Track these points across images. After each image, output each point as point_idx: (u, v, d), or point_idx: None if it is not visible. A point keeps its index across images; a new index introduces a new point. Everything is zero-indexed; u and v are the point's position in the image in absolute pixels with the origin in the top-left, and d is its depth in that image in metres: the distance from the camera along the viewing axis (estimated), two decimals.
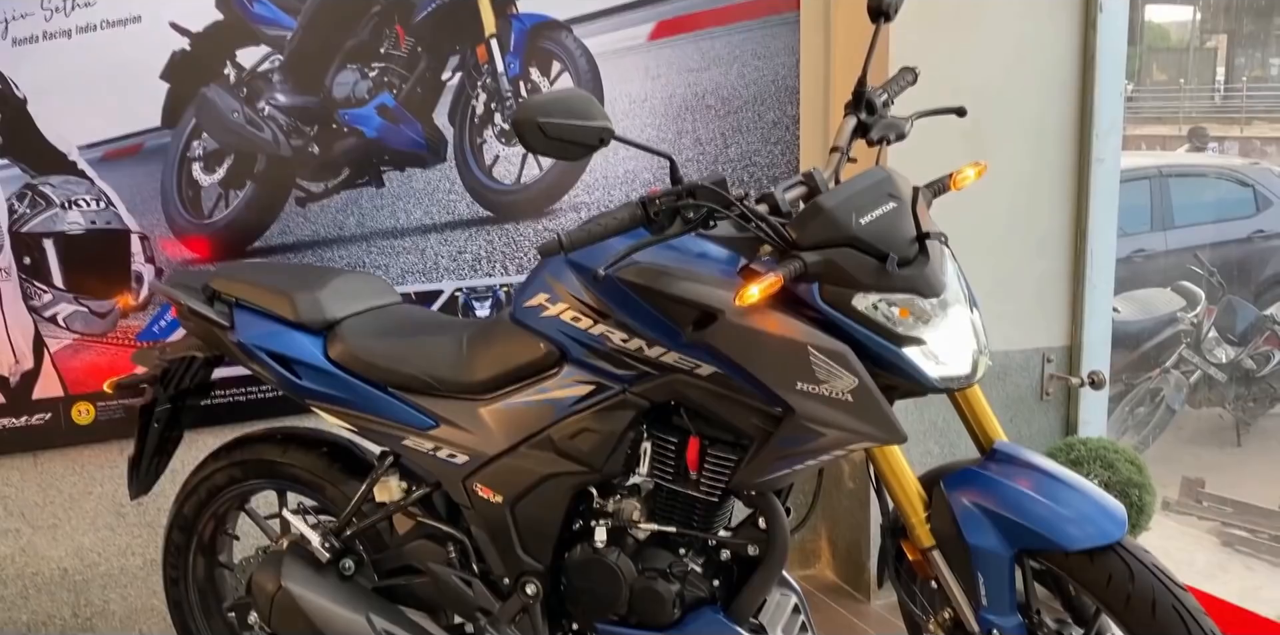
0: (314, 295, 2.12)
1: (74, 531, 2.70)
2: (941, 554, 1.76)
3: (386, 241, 2.84)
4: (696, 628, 1.87)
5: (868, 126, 1.93)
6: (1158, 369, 5.78)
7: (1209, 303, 6.01)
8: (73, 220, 2.56)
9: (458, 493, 2.03)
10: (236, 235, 2.71)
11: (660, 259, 1.76)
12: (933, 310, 1.68)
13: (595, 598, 1.94)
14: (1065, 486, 1.72)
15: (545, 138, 1.57)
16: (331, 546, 2.12)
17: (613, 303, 1.81)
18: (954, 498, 1.74)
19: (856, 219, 1.65)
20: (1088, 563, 1.65)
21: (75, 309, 2.60)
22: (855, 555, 3.33)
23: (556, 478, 1.94)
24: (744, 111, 3.13)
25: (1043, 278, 3.34)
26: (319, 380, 2.08)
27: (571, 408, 1.90)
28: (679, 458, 1.88)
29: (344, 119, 2.76)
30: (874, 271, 1.64)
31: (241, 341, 2.12)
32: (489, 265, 2.94)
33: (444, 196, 2.87)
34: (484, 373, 1.97)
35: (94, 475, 2.70)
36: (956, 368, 1.71)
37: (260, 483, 2.27)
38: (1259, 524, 4.33)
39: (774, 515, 1.86)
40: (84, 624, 2.74)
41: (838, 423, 1.68)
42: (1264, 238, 6.98)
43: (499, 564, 2.02)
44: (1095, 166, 3.27)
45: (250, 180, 2.70)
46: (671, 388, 1.82)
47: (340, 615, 2.04)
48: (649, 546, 1.94)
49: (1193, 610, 1.61)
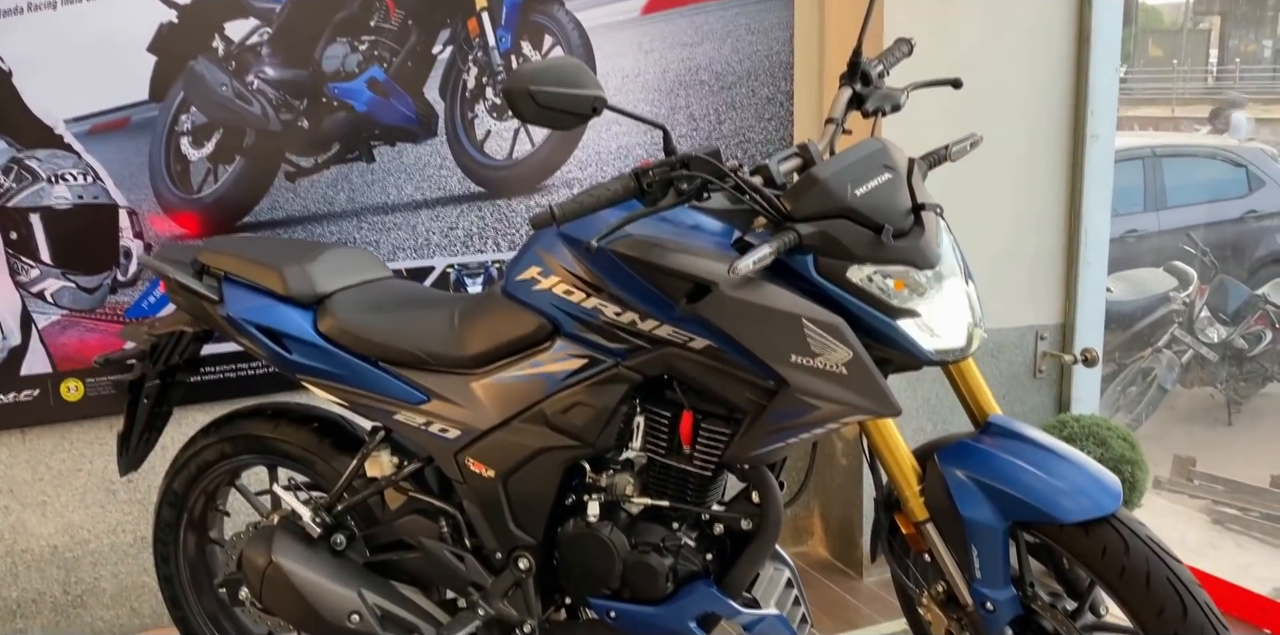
0: (303, 269, 2.10)
1: (64, 508, 2.69)
2: (935, 527, 1.76)
3: (377, 217, 2.82)
4: (689, 601, 1.87)
5: (863, 98, 1.92)
6: (1150, 348, 5.79)
7: (1201, 282, 6.02)
8: (59, 195, 2.54)
9: (450, 467, 2.02)
10: (226, 210, 2.69)
11: (653, 231, 1.74)
12: (928, 282, 1.67)
13: (588, 572, 1.93)
14: (1060, 459, 1.71)
15: (537, 106, 1.55)
16: (323, 521, 2.11)
17: (605, 276, 1.80)
18: (948, 471, 1.73)
19: (851, 190, 1.64)
20: (1082, 535, 1.65)
21: (63, 285, 2.58)
22: (848, 532, 3.33)
23: (549, 452, 1.93)
24: (738, 87, 3.11)
25: (1036, 255, 3.33)
26: (309, 354, 2.07)
27: (564, 382, 1.88)
28: (672, 432, 1.87)
29: (334, 93, 2.73)
30: (869, 243, 1.63)
31: (230, 315, 2.10)
32: (481, 241, 2.92)
33: (435, 172, 2.85)
34: (476, 347, 1.96)
35: (83, 452, 2.68)
36: (951, 340, 1.70)
37: (251, 458, 2.26)
38: (1250, 502, 4.34)
39: (767, 489, 1.85)
40: (74, 601, 2.73)
41: (832, 395, 1.67)
42: (1256, 218, 6.98)
43: (491, 539, 2.01)
44: (1090, 143, 3.26)
45: (239, 155, 2.68)
46: (665, 361, 1.81)
47: (331, 590, 2.04)
48: (642, 521, 1.93)
49: (1187, 582, 1.61)
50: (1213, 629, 1.60)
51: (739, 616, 1.86)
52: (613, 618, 1.92)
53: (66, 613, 2.73)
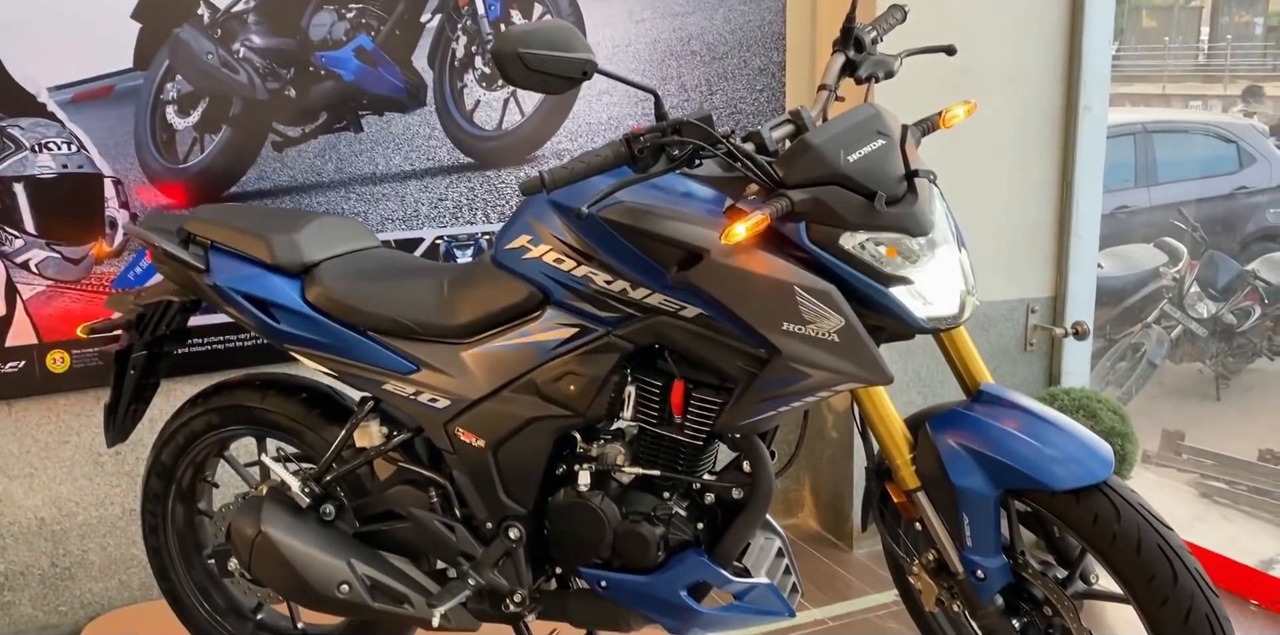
0: (291, 238, 2.08)
1: (51, 481, 2.67)
2: (926, 495, 1.76)
3: (365, 188, 2.79)
4: (680, 570, 1.86)
5: (856, 64, 1.90)
6: (1139, 324, 5.80)
7: (1191, 258, 6.02)
8: (43, 164, 2.51)
9: (439, 437, 2.00)
10: (212, 180, 2.66)
11: (645, 198, 1.73)
12: (920, 250, 1.66)
13: (579, 541, 1.92)
14: (1051, 427, 1.71)
15: (526, 69, 1.53)
16: (311, 492, 2.10)
17: (596, 243, 1.78)
18: (940, 439, 1.72)
19: (844, 156, 1.62)
20: (1074, 502, 1.65)
21: (48, 255, 2.55)
22: (838, 504, 3.33)
23: (540, 422, 1.92)
24: (729, 57, 3.09)
25: (1028, 228, 3.32)
26: (297, 324, 2.05)
27: (554, 351, 1.87)
28: (663, 401, 1.86)
29: (321, 62, 2.70)
30: (861, 210, 1.62)
31: (217, 284, 2.08)
32: (470, 213, 2.90)
33: (424, 142, 2.82)
34: (465, 316, 1.95)
35: (70, 424, 2.66)
36: (944, 308, 1.69)
37: (239, 429, 2.25)
38: (1237, 476, 4.36)
39: (758, 458, 1.84)
40: (63, 573, 2.72)
41: (823, 363, 1.66)
42: (1247, 194, 6.98)
43: (481, 509, 2.00)
44: (1083, 114, 3.24)
45: (226, 124, 2.65)
46: (656, 330, 1.80)
47: (321, 560, 2.03)
48: (633, 490, 1.92)
49: (1178, 549, 1.61)
50: (1203, 595, 1.60)
51: (730, 585, 1.86)
52: (603, 587, 1.92)
53: (55, 585, 2.72)
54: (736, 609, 1.88)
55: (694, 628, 1.92)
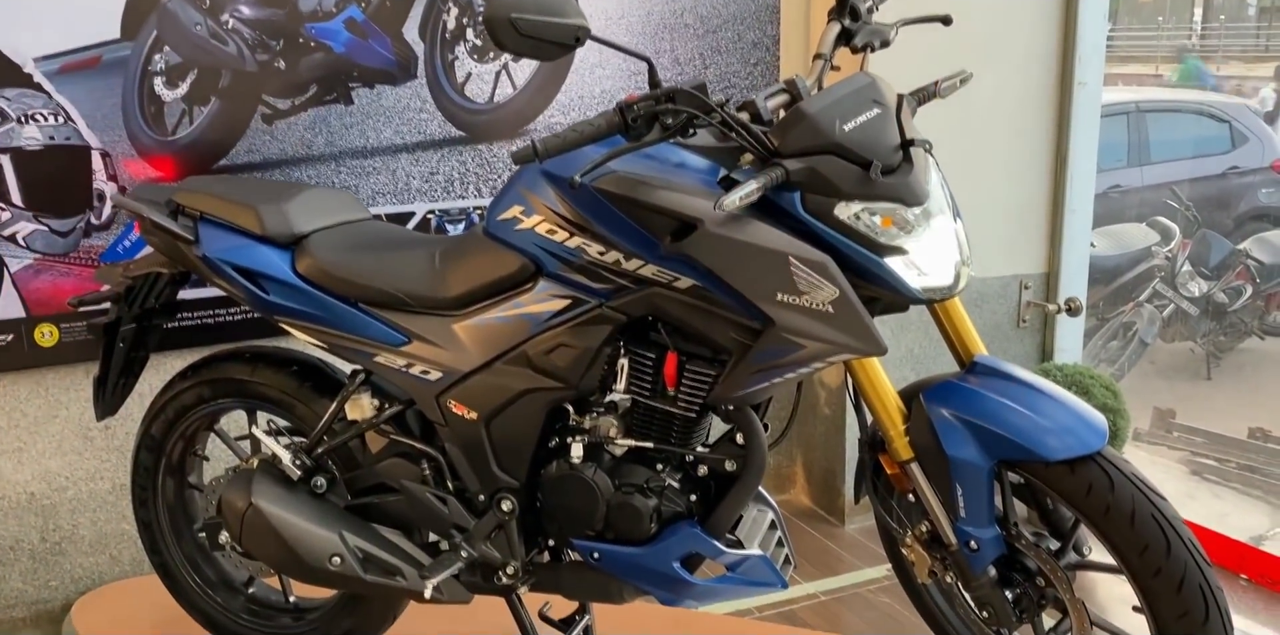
0: (281, 208, 2.06)
1: (40, 455, 2.66)
2: (920, 466, 1.76)
3: (356, 161, 2.77)
4: (673, 542, 1.86)
5: (851, 33, 1.88)
6: (1131, 303, 5.80)
7: (1184, 237, 6.02)
8: (30, 136, 2.48)
9: (431, 410, 1.99)
10: (201, 153, 2.64)
11: (638, 168, 1.71)
12: (916, 220, 1.65)
13: (571, 513, 1.92)
14: (1046, 397, 1.70)
15: (518, 35, 1.51)
16: (303, 464, 2.09)
17: (589, 214, 1.77)
18: (933, 410, 1.72)
19: (840, 125, 1.61)
20: (1067, 473, 1.65)
21: (35, 228, 2.53)
22: (830, 480, 3.33)
23: (532, 394, 1.91)
24: (723, 31, 3.06)
25: (1022, 203, 3.32)
26: (287, 295, 2.04)
27: (547, 323, 1.86)
28: (656, 373, 1.85)
29: (311, 33, 2.67)
30: (857, 179, 1.61)
31: (206, 255, 2.06)
32: (462, 187, 2.88)
33: (415, 115, 2.80)
34: (457, 288, 1.93)
35: (59, 398, 2.65)
36: (939, 278, 1.68)
37: (229, 402, 2.23)
38: (1228, 453, 4.37)
39: (752, 430, 1.83)
40: (53, 548, 2.71)
41: (818, 334, 1.65)
42: (1239, 174, 6.97)
43: (474, 481, 1.99)
44: (1077, 90, 3.23)
45: (215, 96, 2.62)
46: (649, 302, 1.78)
47: (312, 532, 2.02)
48: (626, 462, 1.91)
49: (1172, 519, 1.61)
50: (1196, 565, 1.60)
51: (723, 556, 1.85)
52: (596, 559, 1.92)
53: (45, 560, 2.71)
54: (729, 580, 1.88)
55: (687, 599, 1.92)
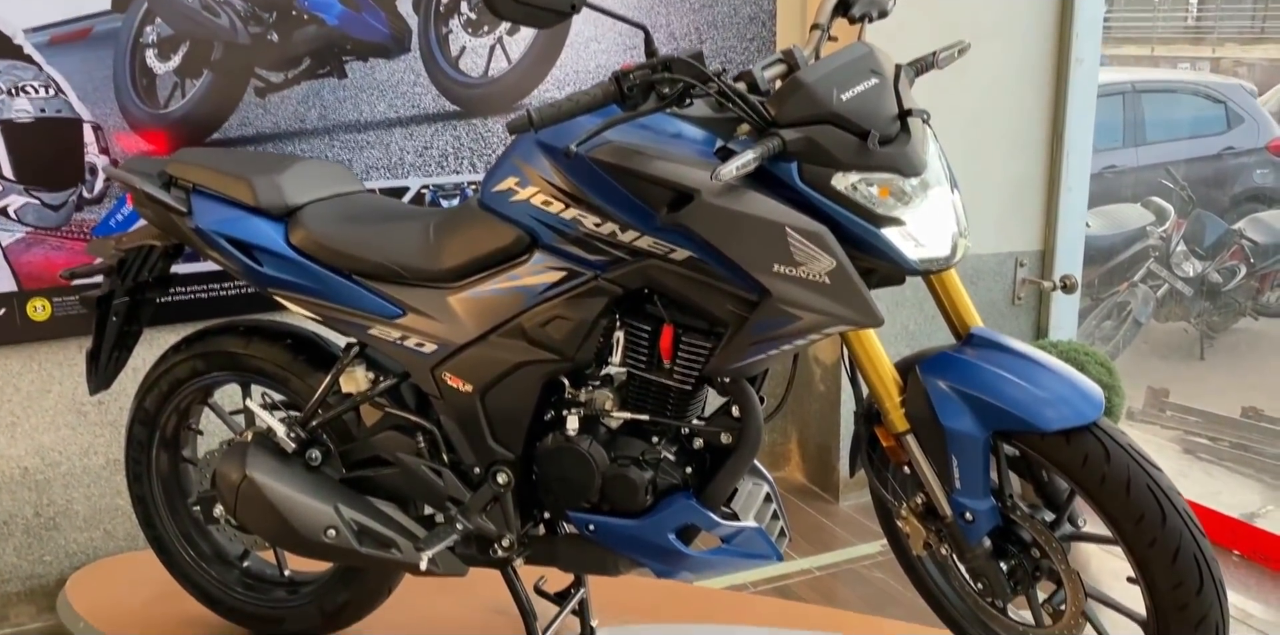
0: (274, 180, 2.05)
1: (33, 430, 2.65)
2: (915, 438, 1.75)
3: (350, 135, 2.75)
4: (669, 514, 1.86)
5: (849, 3, 1.87)
6: (1126, 283, 5.80)
7: (1179, 217, 6.02)
8: (20, 108, 2.46)
9: (426, 383, 1.99)
10: (194, 126, 2.62)
11: (634, 138, 1.70)
12: (913, 190, 1.64)
13: (567, 486, 1.91)
14: (1042, 368, 1.70)
15: (513, 1, 1.50)
16: (297, 437, 2.08)
17: (585, 184, 1.76)
18: (929, 381, 1.72)
19: (837, 95, 1.60)
20: (1063, 443, 1.65)
21: (26, 201, 2.51)
22: (824, 457, 3.34)
23: (528, 366, 1.90)
24: (719, 5, 3.04)
25: (1018, 181, 3.31)
26: (280, 267, 2.02)
27: (542, 295, 1.85)
28: (652, 346, 1.84)
29: (304, 5, 2.65)
30: (854, 149, 1.60)
31: (200, 227, 2.05)
32: (456, 162, 2.87)
33: (409, 89, 2.78)
34: (452, 260, 1.92)
35: (52, 373, 2.63)
36: (936, 249, 1.67)
37: (223, 375, 2.22)
38: (1221, 432, 4.39)
39: (748, 403, 1.83)
40: (47, 523, 2.71)
41: (814, 305, 1.64)
42: (1234, 154, 6.97)
43: (469, 454, 1.99)
44: (1074, 67, 3.22)
45: (207, 69, 2.60)
46: (645, 274, 1.78)
47: (307, 505, 2.02)
48: (622, 435, 1.91)
49: (1167, 489, 1.61)
50: (1191, 535, 1.60)
51: (718, 528, 1.85)
52: (592, 531, 1.91)
53: (39, 535, 2.71)
54: (724, 552, 1.88)
55: (682, 571, 1.92)
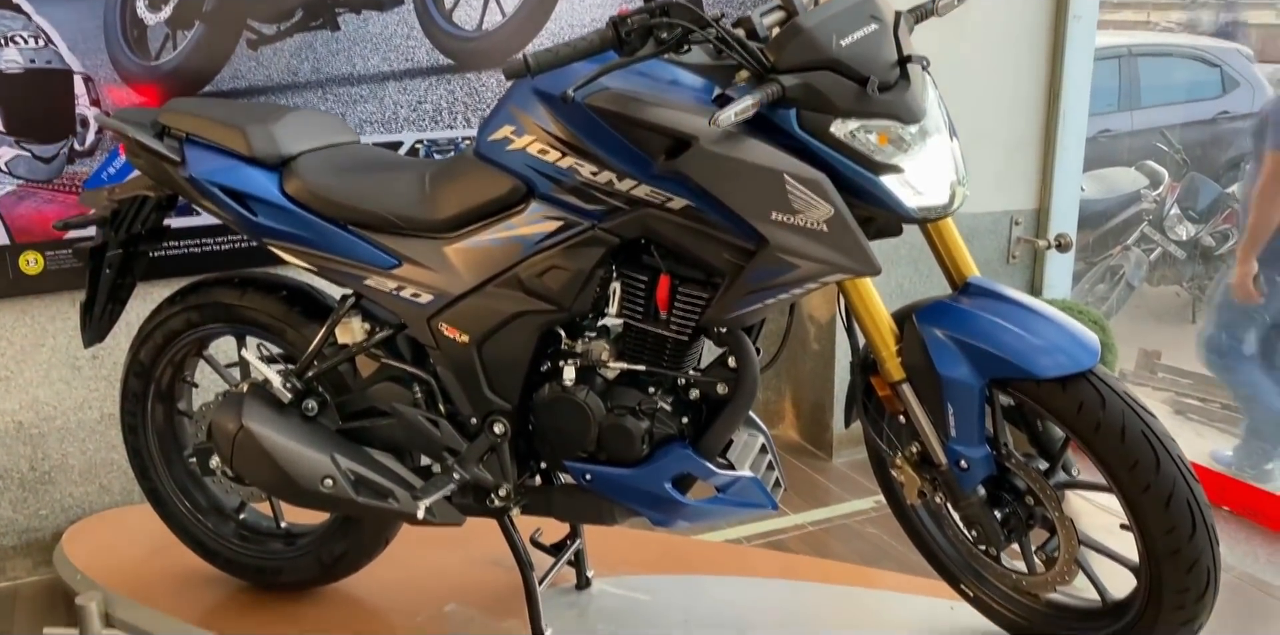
0: (268, 129, 2.03)
1: (27, 384, 2.65)
2: (911, 387, 1.76)
3: (343, 89, 2.73)
4: (665, 463, 1.86)
5: None
6: (1119, 246, 5.81)
7: (1173, 180, 6.01)
8: (10, 58, 2.43)
9: (423, 333, 1.99)
10: (186, 79, 2.59)
11: (632, 85, 1.69)
12: (912, 138, 1.63)
13: (564, 436, 1.92)
14: (1038, 316, 1.71)
15: None
16: (293, 387, 2.08)
17: (581, 132, 1.74)
18: (926, 330, 1.72)
19: (836, 40, 1.59)
20: (1059, 390, 1.65)
21: (17, 153, 2.49)
22: (818, 415, 3.35)
23: (524, 316, 1.90)
24: None
25: (1014, 139, 3.30)
26: (275, 217, 2.01)
27: (539, 245, 1.85)
28: (649, 296, 1.84)
29: None
30: (853, 96, 1.59)
31: (193, 176, 2.04)
32: (450, 116, 2.85)
33: (402, 42, 2.76)
34: (448, 210, 1.91)
35: (46, 327, 2.63)
36: (934, 197, 1.67)
37: (218, 327, 2.22)
38: (1211, 393, 4.41)
39: (744, 353, 1.83)
40: (42, 477, 2.71)
41: (812, 254, 1.64)
42: (1229, 119, 6.95)
43: (466, 404, 1.99)
44: (1072, 24, 3.20)
45: (199, 20, 2.57)
46: (642, 223, 1.77)
47: (304, 455, 2.02)
48: (618, 385, 1.92)
49: (1161, 436, 1.62)
50: (1185, 482, 1.62)
51: (714, 477, 1.86)
52: (588, 480, 1.92)
53: (34, 489, 2.71)
54: (720, 501, 1.89)
55: (678, 519, 1.93)
